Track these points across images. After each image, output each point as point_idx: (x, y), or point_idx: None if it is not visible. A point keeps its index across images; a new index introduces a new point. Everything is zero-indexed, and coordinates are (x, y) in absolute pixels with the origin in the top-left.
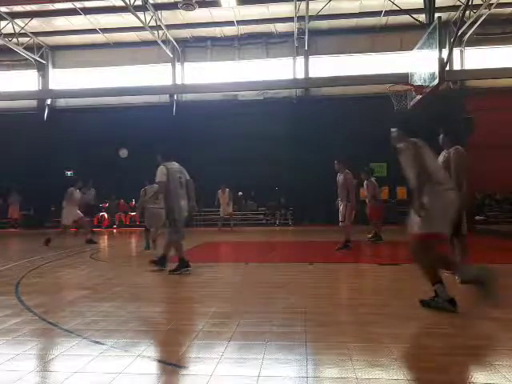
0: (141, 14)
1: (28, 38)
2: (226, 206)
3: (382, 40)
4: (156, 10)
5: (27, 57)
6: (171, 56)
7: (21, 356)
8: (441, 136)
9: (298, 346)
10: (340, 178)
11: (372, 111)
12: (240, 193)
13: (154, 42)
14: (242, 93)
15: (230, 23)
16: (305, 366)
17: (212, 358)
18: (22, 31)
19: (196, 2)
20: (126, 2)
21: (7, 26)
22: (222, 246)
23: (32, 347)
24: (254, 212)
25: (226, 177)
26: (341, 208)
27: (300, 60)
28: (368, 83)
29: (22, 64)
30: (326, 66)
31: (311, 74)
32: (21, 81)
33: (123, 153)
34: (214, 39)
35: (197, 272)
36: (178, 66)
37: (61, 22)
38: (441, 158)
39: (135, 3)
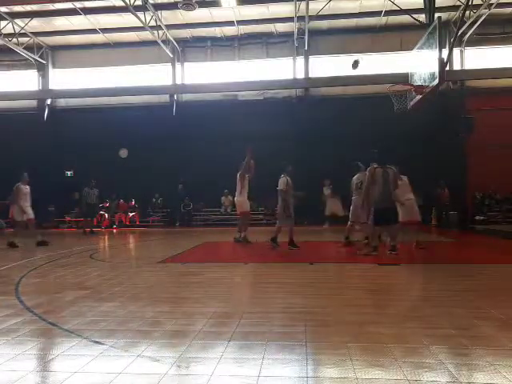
0: (141, 14)
1: (28, 38)
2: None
3: (382, 40)
4: (156, 10)
5: (27, 57)
6: (171, 56)
7: (21, 356)
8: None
9: (298, 346)
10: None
11: (372, 111)
12: None
13: (153, 42)
14: (242, 93)
15: (230, 23)
16: (305, 366)
17: (212, 357)
18: (22, 31)
19: (196, 2)
20: (126, 2)
21: (7, 26)
22: (221, 246)
23: (32, 347)
24: (254, 212)
25: (226, 176)
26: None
27: (300, 60)
28: (368, 83)
29: (22, 64)
30: (326, 66)
31: (311, 74)
32: (21, 81)
33: (123, 153)
34: (214, 39)
35: (196, 272)
36: (177, 66)
37: (61, 22)
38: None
39: (135, 3)
